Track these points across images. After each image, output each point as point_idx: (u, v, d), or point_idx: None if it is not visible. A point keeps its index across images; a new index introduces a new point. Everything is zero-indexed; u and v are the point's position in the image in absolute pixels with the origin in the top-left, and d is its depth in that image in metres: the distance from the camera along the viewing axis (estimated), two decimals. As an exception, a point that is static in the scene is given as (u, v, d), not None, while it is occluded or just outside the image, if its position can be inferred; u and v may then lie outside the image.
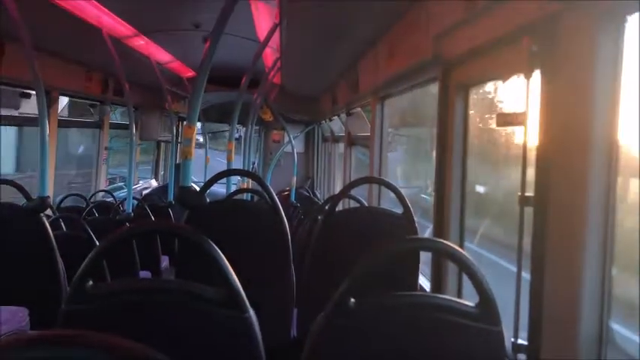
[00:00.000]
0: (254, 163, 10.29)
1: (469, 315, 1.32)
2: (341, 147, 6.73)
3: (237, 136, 9.44)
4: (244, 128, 7.68)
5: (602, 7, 1.31)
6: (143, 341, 1.33)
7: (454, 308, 1.32)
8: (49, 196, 3.25)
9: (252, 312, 1.36)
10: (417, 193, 5.29)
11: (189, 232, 1.41)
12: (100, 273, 3.04)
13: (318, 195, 8.67)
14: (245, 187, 5.55)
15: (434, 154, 2.50)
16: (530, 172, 1.61)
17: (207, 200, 2.66)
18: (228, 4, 2.71)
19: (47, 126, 3.30)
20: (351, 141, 5.93)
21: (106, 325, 1.33)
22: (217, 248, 1.35)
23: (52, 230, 3.07)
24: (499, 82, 2.30)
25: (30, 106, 5.00)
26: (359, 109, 5.36)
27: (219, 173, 2.83)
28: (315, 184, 9.44)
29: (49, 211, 3.98)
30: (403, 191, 2.76)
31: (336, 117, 6.64)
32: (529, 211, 1.59)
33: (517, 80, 1.78)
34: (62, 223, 4.12)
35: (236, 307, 1.34)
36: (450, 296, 2.27)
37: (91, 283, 1.33)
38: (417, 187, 5.43)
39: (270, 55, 5.87)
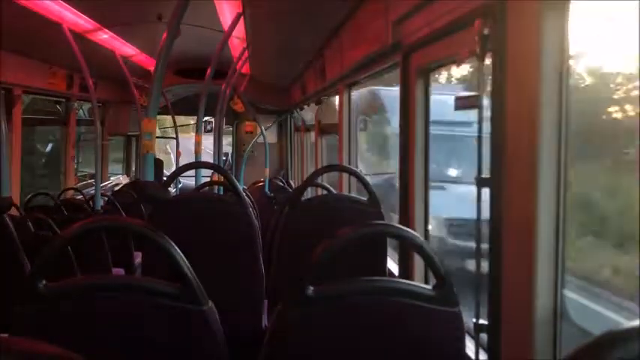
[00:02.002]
0: (227, 155, 10.23)
1: (427, 297, 1.33)
2: (313, 136, 6.73)
3: (209, 127, 9.37)
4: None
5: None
6: (98, 339, 1.32)
7: (411, 291, 1.34)
8: (10, 196, 3.19)
9: (211, 304, 1.36)
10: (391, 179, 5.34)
11: (139, 227, 1.40)
12: (70, 271, 3.00)
13: (293, 185, 8.66)
14: (216, 179, 5.52)
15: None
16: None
17: (173, 194, 2.64)
18: None
19: (3, 125, 3.23)
20: (322, 129, 5.93)
21: (58, 325, 1.32)
22: (171, 242, 1.34)
23: (19, 230, 3.01)
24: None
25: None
26: (327, 97, 5.36)
27: (182, 166, 2.81)
28: (290, 174, 9.43)
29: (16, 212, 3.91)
30: (379, 178, 2.78)
31: (307, 106, 6.64)
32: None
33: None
34: (29, 223, 4.05)
35: (193, 300, 1.33)
36: (416, 281, 2.30)
37: (44, 282, 1.31)
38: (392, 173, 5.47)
39: (237, 45, 5.83)
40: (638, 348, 0.64)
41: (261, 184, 7.87)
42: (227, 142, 9.46)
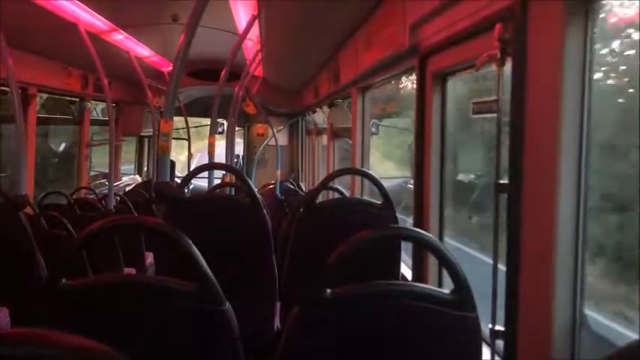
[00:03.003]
0: (238, 157, 10.25)
1: (444, 302, 1.32)
2: (325, 139, 6.73)
3: (220, 130, 9.41)
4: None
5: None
6: (118, 338, 1.32)
7: (429, 295, 1.33)
8: (26, 194, 3.21)
9: (228, 305, 1.35)
10: (402, 183, 5.32)
11: (159, 226, 1.40)
12: (82, 271, 3.01)
13: (304, 187, 8.66)
14: (228, 180, 5.53)
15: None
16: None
17: (187, 195, 2.65)
18: None
19: (23, 123, 3.26)
20: (334, 133, 5.93)
21: (79, 323, 1.32)
22: (190, 242, 1.34)
23: (33, 228, 3.04)
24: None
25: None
26: (341, 100, 5.36)
27: (198, 167, 2.82)
28: (301, 177, 9.43)
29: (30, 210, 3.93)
30: (392, 181, 2.77)
31: (319, 109, 6.64)
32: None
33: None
34: (43, 221, 4.08)
35: (211, 300, 1.33)
36: (430, 285, 2.29)
37: (64, 280, 1.32)
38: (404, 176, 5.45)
39: (251, 47, 5.84)
40: None
41: (271, 186, 7.88)
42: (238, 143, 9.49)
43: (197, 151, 11.12)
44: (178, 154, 11.07)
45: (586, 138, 1.35)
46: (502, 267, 1.61)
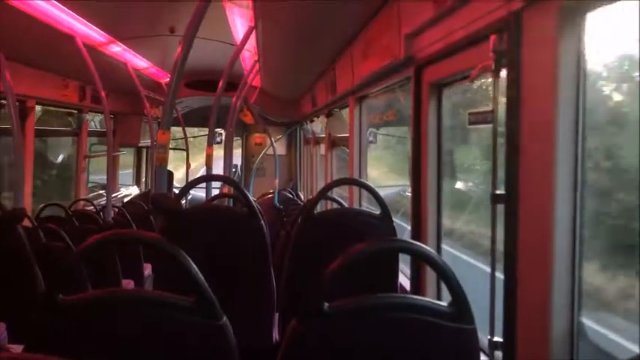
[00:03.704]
0: (236, 166, 10.25)
1: (442, 314, 1.32)
2: (323, 148, 6.74)
3: (219, 140, 9.42)
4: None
5: (562, 4, 1.32)
6: (115, 354, 1.32)
7: (427, 307, 1.32)
8: (24, 208, 3.20)
9: (225, 319, 1.35)
10: (401, 191, 5.31)
11: (156, 241, 1.40)
12: (81, 283, 3.01)
13: (302, 197, 8.66)
14: (226, 191, 5.53)
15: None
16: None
17: (186, 206, 2.65)
18: (199, 7, 2.69)
19: (21, 136, 3.26)
20: (332, 142, 5.93)
21: (76, 338, 1.32)
22: (186, 256, 1.33)
23: (31, 241, 3.03)
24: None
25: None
26: (338, 110, 5.37)
27: (195, 179, 2.82)
28: (299, 186, 9.43)
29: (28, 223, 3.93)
30: (390, 190, 2.77)
31: (317, 118, 6.65)
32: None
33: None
34: (41, 234, 4.07)
35: (208, 315, 1.33)
36: (429, 297, 2.28)
37: (60, 296, 1.32)
38: (402, 185, 5.44)
39: (248, 58, 5.86)
40: None
41: (270, 195, 7.88)
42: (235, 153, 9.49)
43: (200, 166, 11.04)
44: (179, 166, 11.00)
45: (581, 147, 1.35)
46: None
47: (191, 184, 2.72)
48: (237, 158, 10.44)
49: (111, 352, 1.31)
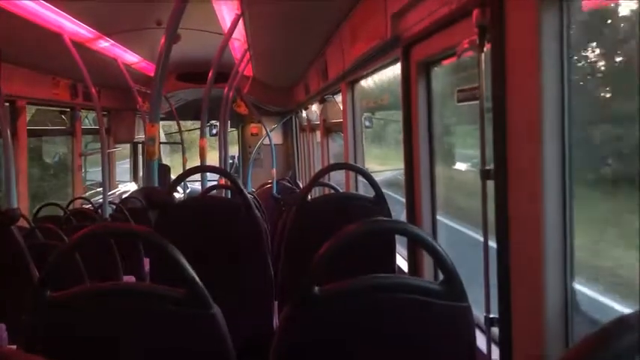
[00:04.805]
0: (234, 158, 10.23)
1: (434, 293, 1.31)
2: (319, 135, 6.72)
3: (214, 132, 9.41)
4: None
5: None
6: (105, 347, 1.32)
7: (418, 287, 1.32)
8: (17, 208, 3.19)
9: (216, 308, 1.34)
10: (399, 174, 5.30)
11: (144, 233, 1.39)
12: (80, 280, 3.01)
13: (301, 185, 8.64)
14: (222, 183, 5.52)
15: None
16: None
17: (181, 199, 2.64)
18: None
19: (9, 136, 3.24)
20: (328, 128, 5.91)
21: (66, 333, 1.31)
22: (174, 247, 1.33)
23: (29, 241, 3.02)
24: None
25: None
26: (332, 96, 5.35)
27: (186, 171, 2.80)
28: (297, 175, 9.41)
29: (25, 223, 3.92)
30: (388, 174, 2.75)
31: (312, 105, 6.62)
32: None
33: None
34: (39, 234, 4.06)
35: (198, 304, 1.32)
36: (426, 277, 2.28)
37: (49, 292, 1.31)
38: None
39: (238, 47, 5.82)
40: None
41: (269, 185, 7.87)
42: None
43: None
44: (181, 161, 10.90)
45: (568, 119, 1.34)
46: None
47: (182, 176, 2.70)
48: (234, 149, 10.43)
49: (101, 346, 1.31)
